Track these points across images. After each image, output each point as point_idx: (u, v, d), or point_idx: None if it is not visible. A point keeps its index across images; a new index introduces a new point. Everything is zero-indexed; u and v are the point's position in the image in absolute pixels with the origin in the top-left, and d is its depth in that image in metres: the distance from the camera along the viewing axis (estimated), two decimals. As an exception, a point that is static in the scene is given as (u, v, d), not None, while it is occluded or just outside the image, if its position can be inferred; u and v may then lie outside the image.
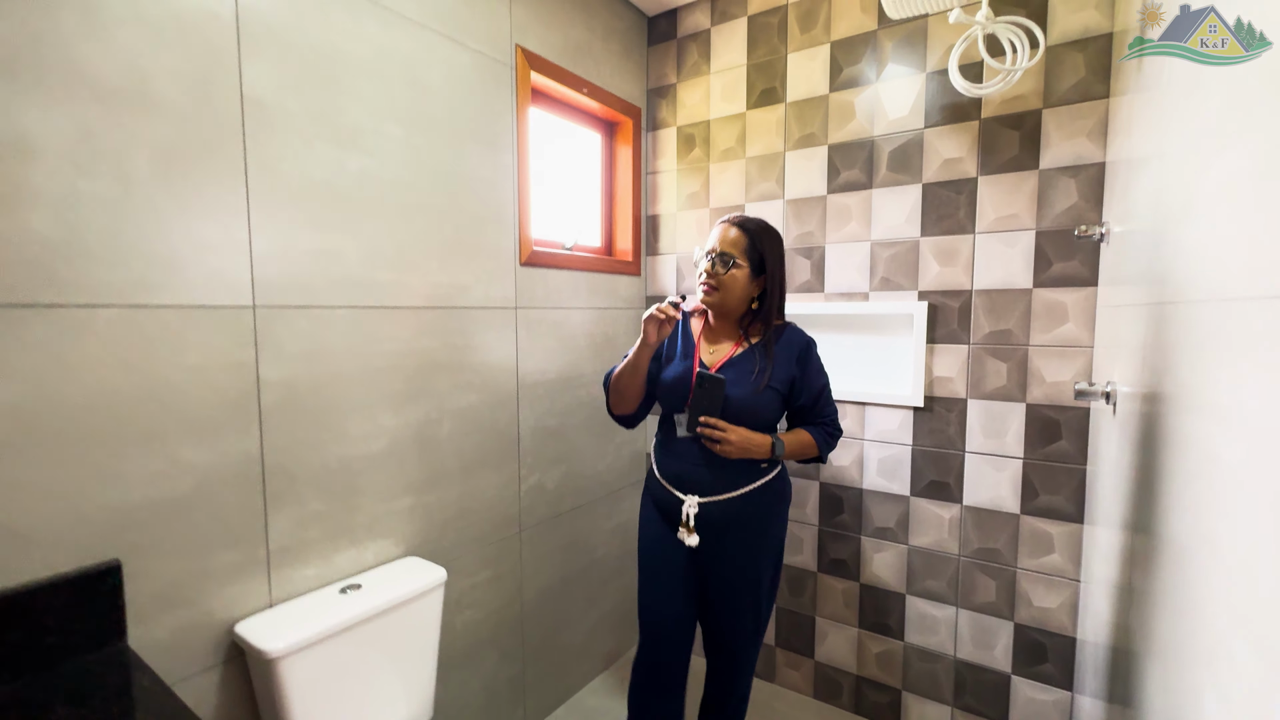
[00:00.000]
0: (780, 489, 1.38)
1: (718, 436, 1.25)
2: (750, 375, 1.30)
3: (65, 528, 0.88)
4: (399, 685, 1.20)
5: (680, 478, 1.34)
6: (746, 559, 1.34)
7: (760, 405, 1.29)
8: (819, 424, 1.36)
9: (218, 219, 1.03)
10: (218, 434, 1.05)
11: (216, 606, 1.06)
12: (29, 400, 0.85)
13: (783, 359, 1.33)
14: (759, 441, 1.27)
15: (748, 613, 1.38)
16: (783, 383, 1.32)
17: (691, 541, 1.28)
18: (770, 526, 1.36)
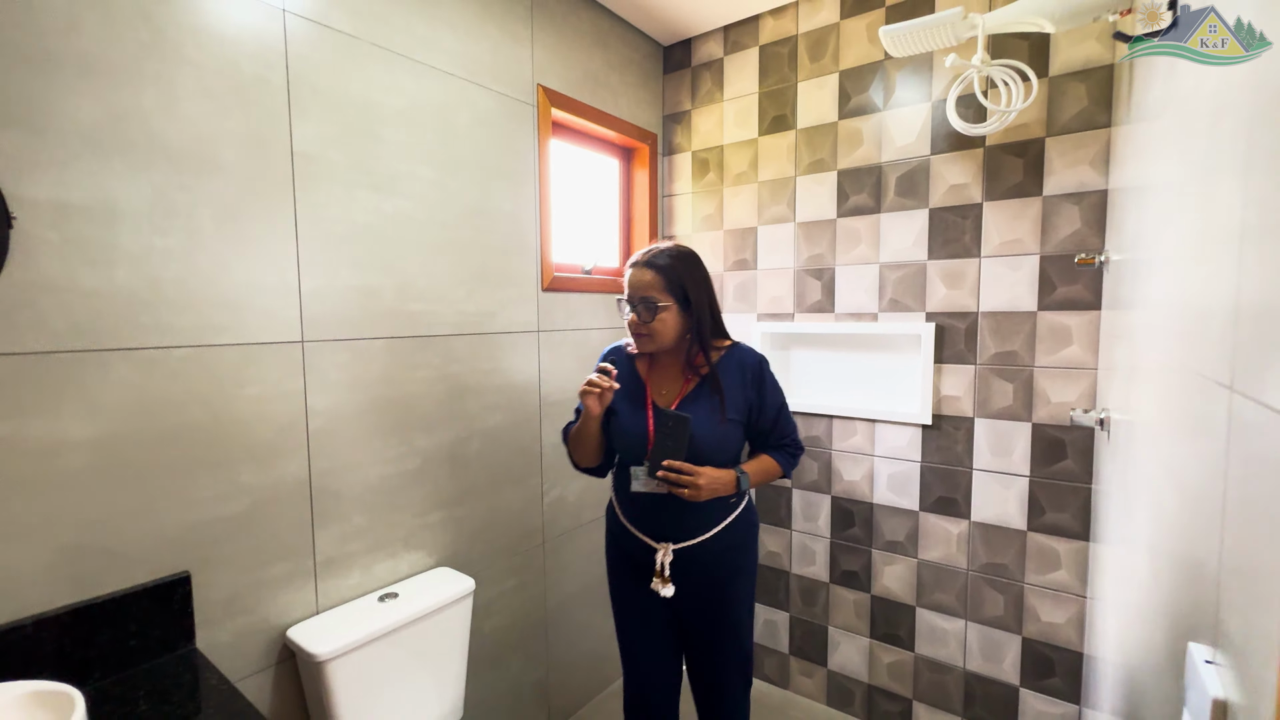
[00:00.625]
0: (750, 519, 1.36)
1: (685, 481, 1.17)
2: (708, 410, 1.24)
3: (144, 544, 1.00)
4: (432, 686, 1.30)
5: (649, 523, 1.28)
6: (726, 598, 1.30)
7: (724, 440, 1.24)
8: (780, 445, 1.33)
9: (272, 264, 1.15)
10: (272, 458, 1.16)
11: (271, 613, 1.17)
12: (117, 433, 0.97)
13: (735, 384, 1.27)
14: (725, 479, 1.22)
15: (733, 649, 1.34)
16: (741, 410, 1.27)
17: (667, 592, 1.24)
18: (745, 559, 1.33)
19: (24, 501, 0.89)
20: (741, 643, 1.35)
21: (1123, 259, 1.21)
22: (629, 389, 1.32)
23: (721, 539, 1.27)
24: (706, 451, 1.21)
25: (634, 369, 1.35)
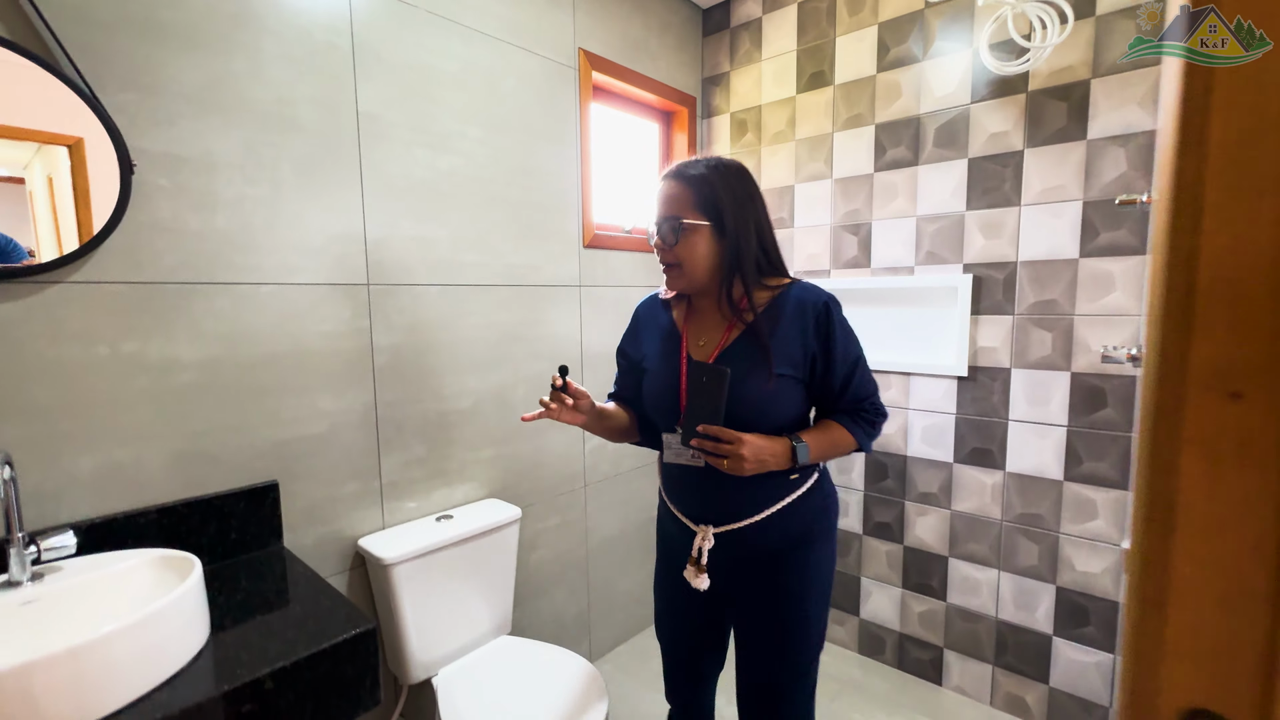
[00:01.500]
0: (821, 502, 1.07)
1: (724, 450, 0.93)
2: (754, 363, 0.99)
3: (241, 455, 1.17)
4: (483, 599, 1.44)
5: (688, 500, 1.08)
6: (784, 597, 1.05)
7: (773, 400, 0.99)
8: (854, 411, 1.05)
9: (342, 213, 1.28)
10: (344, 388, 1.31)
11: (344, 525, 1.33)
12: (217, 356, 1.12)
13: (793, 331, 0.99)
14: (776, 450, 0.97)
15: (791, 660, 1.07)
16: (799, 364, 1.00)
17: (700, 584, 1.04)
18: (814, 551, 1.06)
19: (148, 410, 1.05)
20: (806, 652, 1.08)
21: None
22: (662, 339, 1.11)
23: (778, 524, 1.03)
24: (751, 414, 0.98)
25: (669, 316, 1.13)
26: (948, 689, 1.83)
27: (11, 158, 0.91)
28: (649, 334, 1.16)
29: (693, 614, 1.17)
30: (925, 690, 1.84)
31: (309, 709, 0.83)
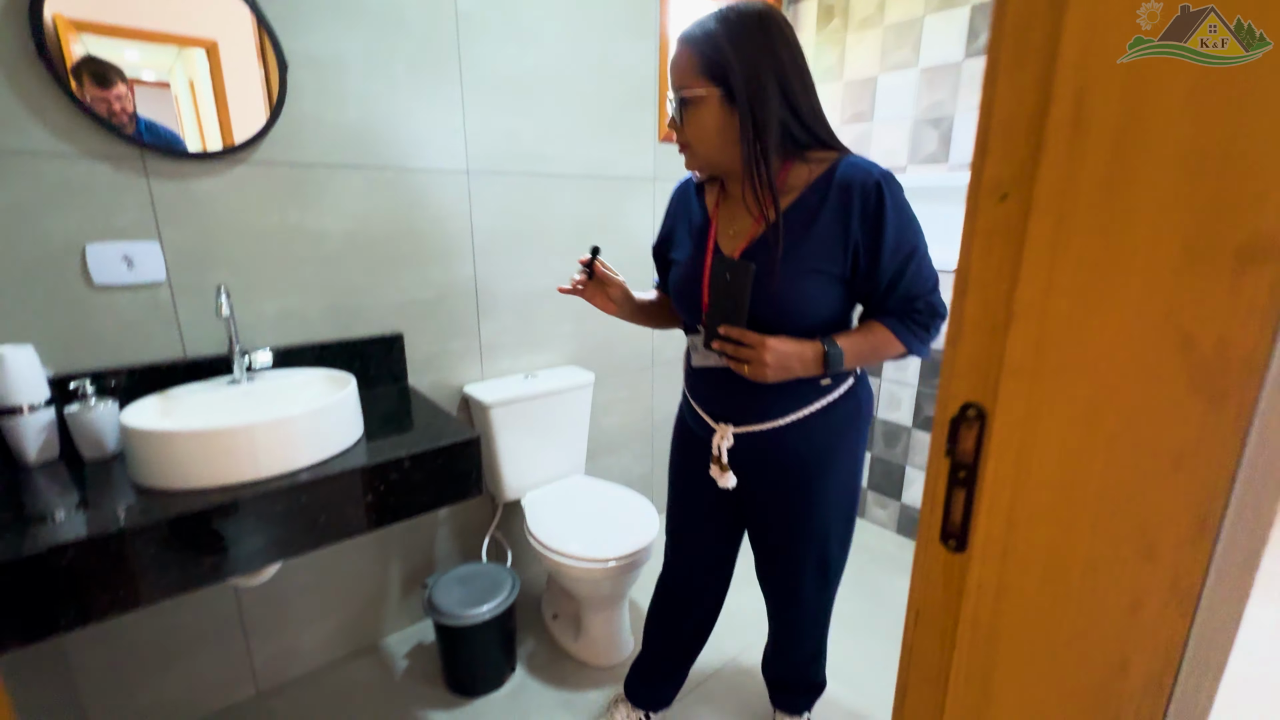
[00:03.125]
0: (852, 409, 1.00)
1: (745, 355, 0.87)
2: (786, 258, 0.88)
3: (374, 310, 1.47)
4: (562, 444, 1.74)
5: (711, 398, 1.03)
6: (806, 501, 1.02)
7: (801, 299, 0.88)
8: (906, 311, 0.91)
9: (444, 106, 1.47)
10: (449, 261, 1.56)
11: (451, 375, 1.64)
12: (354, 229, 1.39)
13: (833, 217, 0.85)
14: (805, 355, 0.87)
15: (810, 568, 1.09)
16: (836, 259, 0.86)
17: (726, 483, 1.02)
18: (837, 459, 1.00)
19: (308, 269, 1.35)
20: (825, 563, 1.09)
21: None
22: (692, 229, 1.02)
23: (803, 431, 0.97)
24: (778, 315, 0.88)
25: (701, 203, 1.03)
26: (976, 568, 1.99)
27: (157, 63, 1.12)
28: (681, 222, 1.06)
29: (709, 511, 1.15)
30: (954, 567, 2.00)
31: (433, 486, 1.14)
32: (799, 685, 1.31)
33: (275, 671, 1.50)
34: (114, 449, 1.09)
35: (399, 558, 1.65)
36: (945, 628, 0.44)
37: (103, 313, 1.15)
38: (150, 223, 1.16)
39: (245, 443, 0.97)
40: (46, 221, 1.07)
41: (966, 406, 0.40)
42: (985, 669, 0.42)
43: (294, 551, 1.00)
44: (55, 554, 0.79)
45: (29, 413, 1.02)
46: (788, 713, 1.34)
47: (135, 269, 1.16)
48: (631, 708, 1.32)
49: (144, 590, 0.87)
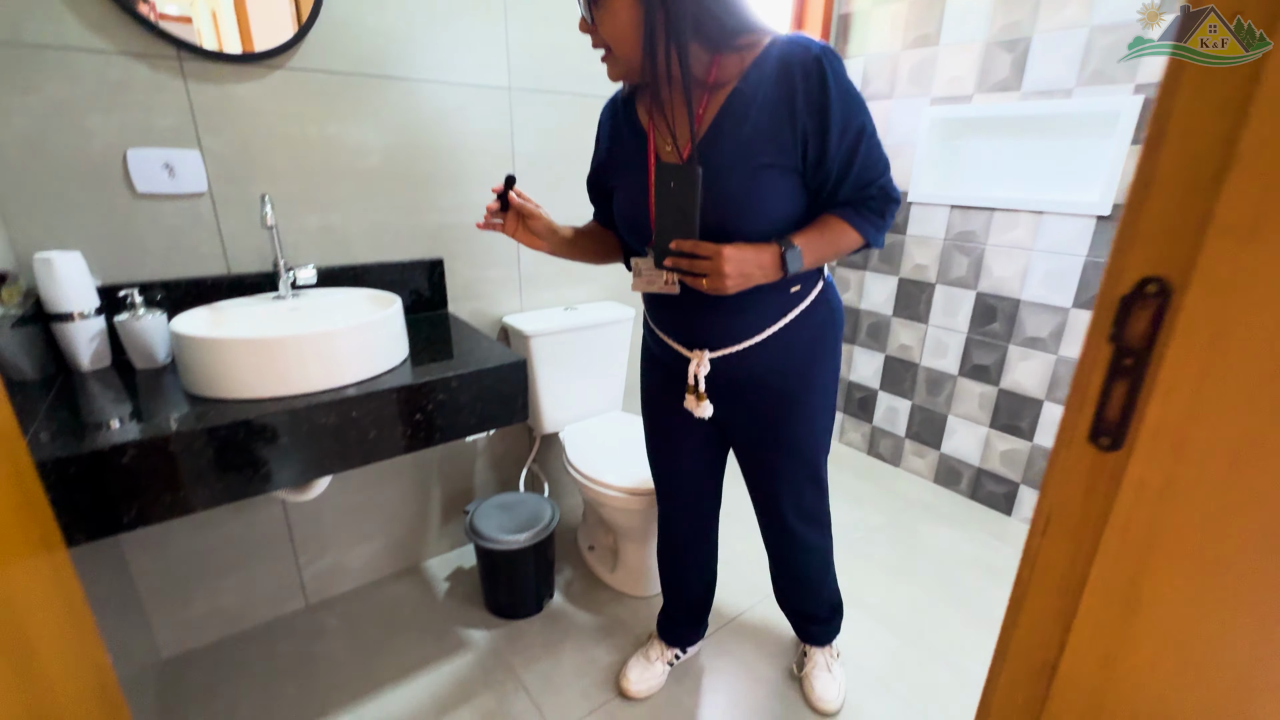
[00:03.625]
0: (825, 316, 0.98)
1: (702, 267, 0.81)
2: (729, 155, 0.82)
3: (414, 232, 1.42)
4: (600, 379, 1.71)
5: (680, 326, 0.98)
6: (789, 418, 1.00)
7: (757, 199, 0.82)
8: (859, 200, 0.88)
9: (486, 14, 1.38)
10: (490, 184, 1.50)
11: (491, 304, 1.61)
12: (394, 144, 1.34)
13: (773, 103, 0.79)
14: (762, 259, 0.82)
15: (805, 480, 1.07)
16: (785, 148, 0.81)
17: (703, 413, 0.98)
18: (819, 366, 0.98)
19: (348, 184, 1.31)
20: (815, 463, 1.07)
21: None
22: (627, 146, 0.94)
23: (782, 343, 0.94)
24: (732, 220, 0.83)
25: (632, 116, 0.94)
26: (1016, 519, 1.95)
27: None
28: (615, 143, 0.98)
29: (691, 446, 1.11)
30: (993, 517, 1.97)
31: (480, 408, 1.12)
32: (819, 610, 1.28)
33: (323, 586, 1.54)
34: (164, 360, 1.08)
35: (439, 485, 1.67)
36: (1084, 534, 0.40)
37: (146, 222, 1.12)
38: (190, 129, 1.12)
39: (294, 354, 0.95)
40: (86, 122, 1.03)
41: (1145, 281, 0.35)
42: (1133, 578, 0.38)
43: (342, 466, 0.99)
44: (116, 452, 0.79)
45: (80, 319, 1.01)
46: (815, 644, 1.33)
47: (177, 178, 1.12)
48: (665, 646, 1.34)
49: (199, 495, 0.87)
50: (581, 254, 1.09)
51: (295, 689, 1.29)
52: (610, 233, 1.11)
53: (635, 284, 0.96)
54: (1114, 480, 0.38)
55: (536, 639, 1.44)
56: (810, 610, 1.28)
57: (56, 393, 0.96)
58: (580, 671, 1.35)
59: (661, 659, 1.32)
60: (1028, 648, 0.45)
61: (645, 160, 0.90)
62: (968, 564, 1.74)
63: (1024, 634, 0.45)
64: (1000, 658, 0.47)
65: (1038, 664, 0.44)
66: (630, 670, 1.30)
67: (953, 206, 1.92)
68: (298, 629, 1.46)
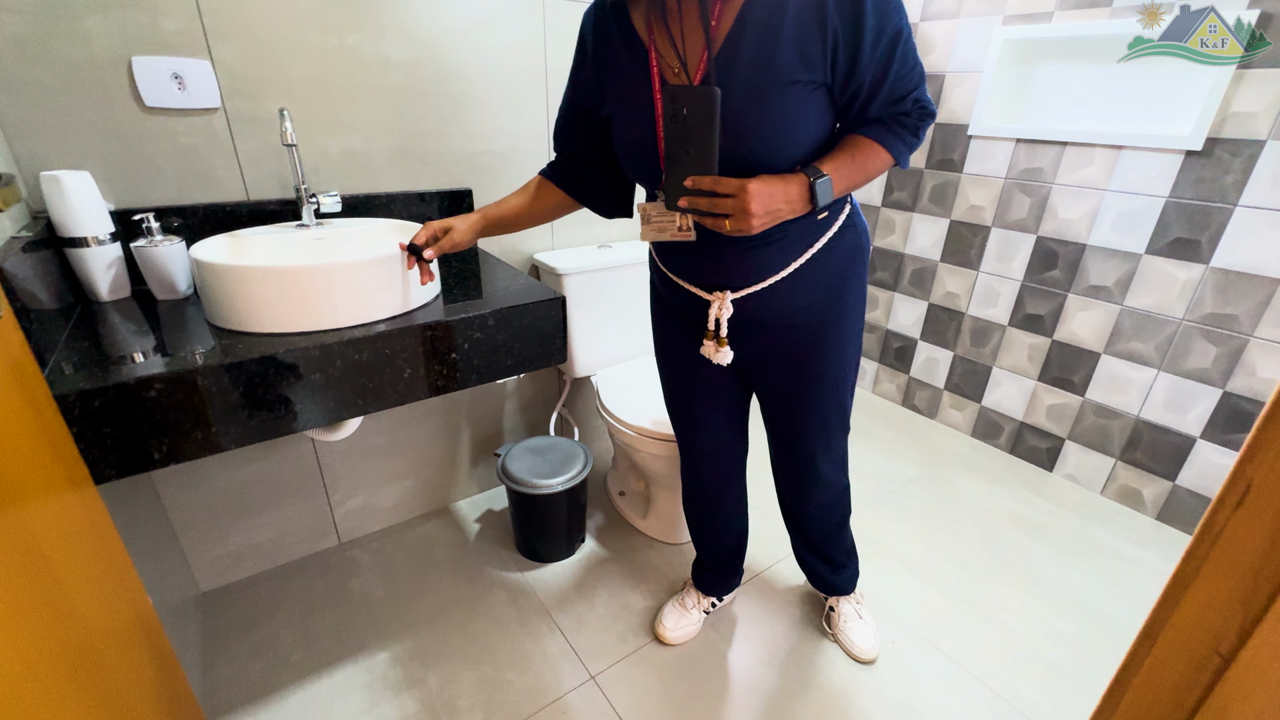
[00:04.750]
0: (853, 240, 0.89)
1: (724, 207, 0.71)
2: (750, 73, 0.71)
3: (441, 159, 1.32)
4: (633, 322, 1.64)
5: (697, 268, 0.88)
6: (816, 357, 0.92)
7: (786, 123, 0.72)
8: (891, 115, 0.77)
9: (519, -92, 1.23)
10: (520, 109, 1.38)
11: (521, 240, 1.52)
12: (418, 59, 1.22)
13: (800, 10, 0.69)
14: (790, 192, 0.73)
15: (835, 423, 1.01)
16: (815, 62, 0.70)
17: (723, 359, 0.90)
18: (844, 300, 0.90)
19: (370, 104, 1.20)
20: (843, 401, 1.00)
21: None
22: (623, 65, 0.80)
23: (810, 275, 0.85)
24: (758, 148, 0.73)
25: (627, 27, 0.79)
26: (1057, 475, 1.89)
27: None
28: (605, 60, 0.82)
29: (713, 393, 1.04)
30: (1032, 472, 1.91)
31: (516, 348, 1.06)
32: (838, 554, 1.23)
33: (355, 525, 1.54)
34: (186, 290, 1.02)
35: (468, 427, 1.63)
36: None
37: (158, 140, 1.04)
38: (199, 35, 1.01)
39: (323, 285, 0.88)
40: (84, 24, 0.93)
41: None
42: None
43: (375, 406, 0.94)
44: (142, 385, 0.74)
45: (95, 245, 0.95)
46: (840, 594, 1.30)
47: (188, 90, 1.03)
48: (701, 595, 1.32)
49: (229, 433, 0.82)
50: (516, 229, 0.99)
51: (333, 623, 1.30)
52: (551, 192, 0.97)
53: (644, 233, 0.86)
54: (1360, 445, 0.30)
55: (569, 583, 1.44)
56: (829, 554, 1.23)
57: (76, 323, 0.91)
58: (615, 616, 1.34)
59: (698, 607, 1.31)
60: (1191, 631, 0.38)
61: (649, 82, 0.77)
62: (1006, 519, 1.69)
63: (1188, 615, 0.38)
64: (1148, 639, 0.41)
65: (1203, 651, 0.38)
66: (666, 617, 1.29)
67: (1018, 140, 1.76)
68: (332, 566, 1.46)
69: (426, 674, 1.19)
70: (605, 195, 0.98)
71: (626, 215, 1.02)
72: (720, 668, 1.23)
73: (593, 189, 0.97)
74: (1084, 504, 1.77)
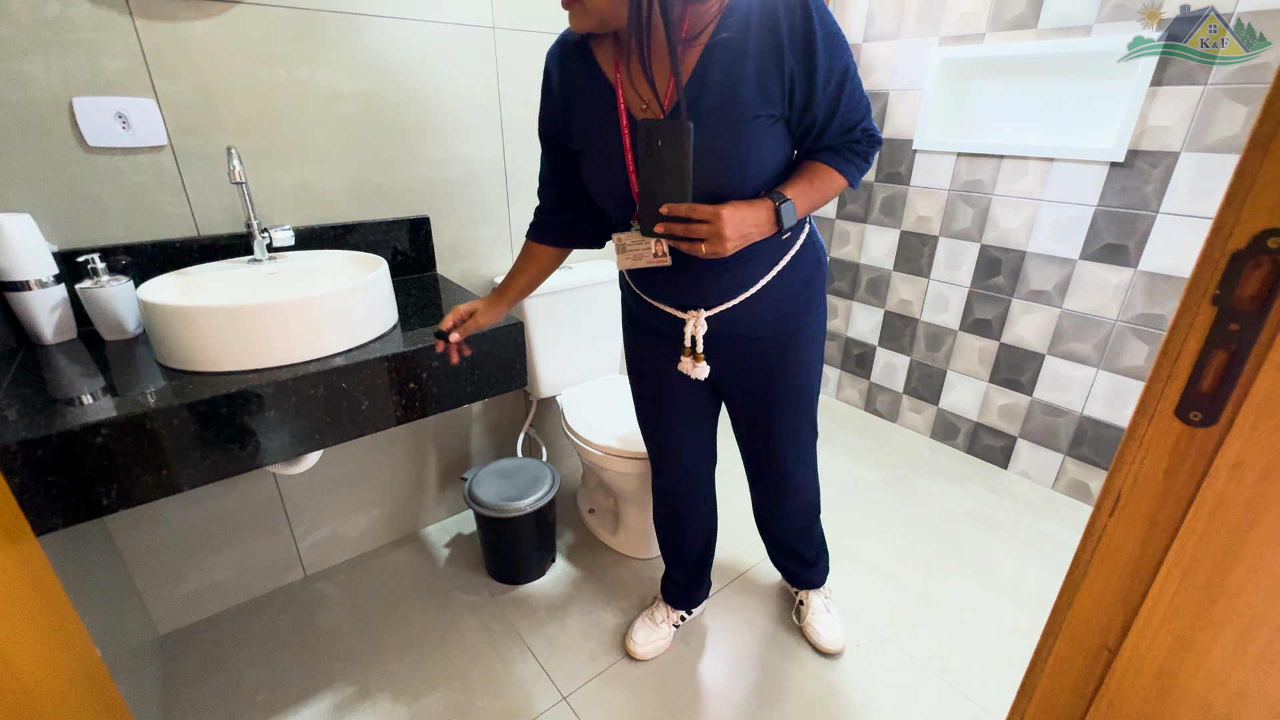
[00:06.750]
0: (814, 256, 0.96)
1: (700, 232, 0.75)
2: (718, 107, 0.75)
3: (398, 188, 1.33)
4: (596, 342, 1.66)
5: (671, 289, 0.92)
6: (787, 365, 0.99)
7: (748, 152, 0.77)
8: (843, 144, 0.84)
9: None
10: (476, 135, 1.40)
11: (483, 265, 1.53)
12: (371, 90, 1.23)
13: (759, 51, 0.74)
14: (759, 216, 0.78)
15: (803, 426, 1.07)
16: (774, 96, 0.76)
17: (699, 374, 0.95)
18: (809, 311, 0.97)
19: (323, 135, 1.21)
20: (810, 407, 1.06)
21: None
22: (590, 101, 0.83)
23: (777, 290, 0.91)
24: (727, 177, 0.78)
25: (592, 66, 0.83)
26: (1012, 472, 1.97)
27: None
28: (572, 97, 0.86)
29: (685, 408, 1.09)
30: (989, 471, 1.98)
31: (476, 375, 1.07)
32: (808, 551, 1.29)
33: (321, 557, 1.52)
34: (135, 330, 1.01)
35: (434, 452, 1.63)
36: (1163, 515, 0.36)
37: (102, 179, 1.02)
38: (142, 74, 1.01)
39: (276, 322, 0.89)
40: (22, 66, 0.92)
41: (1265, 235, 0.30)
42: (1218, 563, 0.35)
43: (334, 439, 0.94)
44: (89, 431, 0.73)
45: (37, 288, 0.93)
46: (810, 588, 1.36)
47: (132, 129, 1.02)
48: (670, 609, 1.34)
49: (182, 474, 0.82)
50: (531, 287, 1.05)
51: (299, 659, 1.28)
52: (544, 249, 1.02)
53: (620, 261, 0.89)
54: (1203, 459, 0.34)
55: (541, 603, 1.44)
56: (801, 551, 1.29)
57: (19, 368, 0.89)
58: (586, 634, 1.35)
59: (667, 621, 1.32)
60: (1084, 629, 0.42)
61: (616, 118, 0.81)
62: (964, 517, 1.75)
63: (1080, 614, 0.42)
64: (1049, 637, 0.45)
65: (1094, 646, 0.41)
66: (636, 633, 1.30)
67: (959, 154, 1.84)
68: (298, 600, 1.44)
69: (396, 705, 1.18)
70: (590, 234, 1.02)
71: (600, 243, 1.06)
72: (691, 681, 1.25)
73: (579, 233, 1.01)
74: (1037, 499, 1.84)
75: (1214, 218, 0.33)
